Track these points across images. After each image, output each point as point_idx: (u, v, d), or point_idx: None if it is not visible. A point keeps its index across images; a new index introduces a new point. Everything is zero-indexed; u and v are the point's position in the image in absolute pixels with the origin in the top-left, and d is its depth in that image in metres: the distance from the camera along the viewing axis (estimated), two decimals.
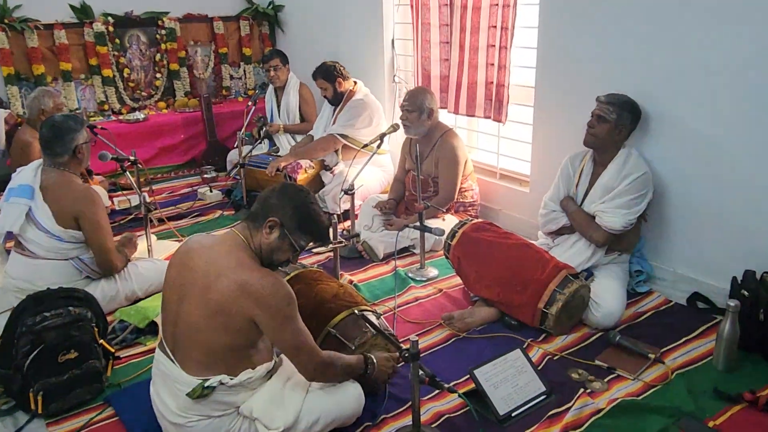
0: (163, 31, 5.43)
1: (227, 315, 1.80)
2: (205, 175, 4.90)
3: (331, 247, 2.97)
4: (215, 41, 5.74)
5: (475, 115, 3.81)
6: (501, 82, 3.57)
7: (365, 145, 3.52)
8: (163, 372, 1.93)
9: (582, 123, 2.87)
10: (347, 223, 3.76)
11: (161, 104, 5.53)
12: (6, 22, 4.71)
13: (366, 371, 2.08)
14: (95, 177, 4.06)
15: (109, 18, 5.17)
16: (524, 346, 2.52)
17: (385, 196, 3.83)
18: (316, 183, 4.22)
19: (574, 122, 3.07)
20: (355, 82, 4.26)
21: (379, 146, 3.49)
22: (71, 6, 5.03)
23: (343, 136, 4.09)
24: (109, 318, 2.67)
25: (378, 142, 3.45)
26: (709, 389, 2.25)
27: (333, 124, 4.20)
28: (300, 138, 4.63)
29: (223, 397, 1.88)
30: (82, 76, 5.16)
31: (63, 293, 2.38)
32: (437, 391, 2.22)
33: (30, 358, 2.16)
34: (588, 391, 2.28)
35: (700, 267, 2.89)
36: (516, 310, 2.68)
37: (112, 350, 2.46)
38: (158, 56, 5.47)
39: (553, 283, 2.59)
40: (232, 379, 1.86)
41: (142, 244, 3.27)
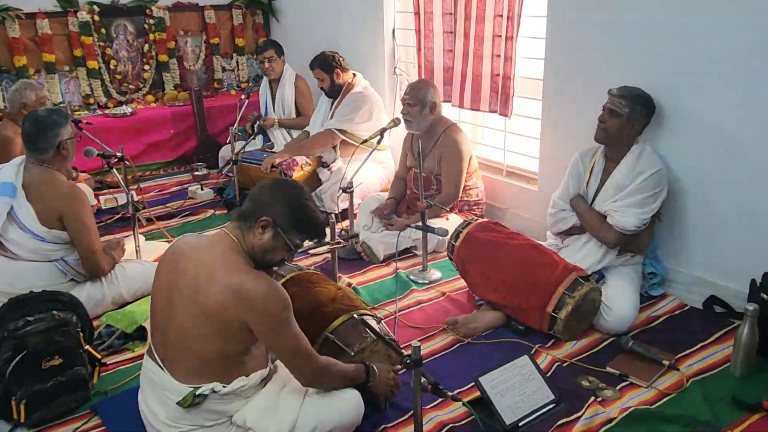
0: (152, 21, 5.34)
1: (219, 320, 1.79)
2: (196, 173, 4.84)
3: (328, 248, 2.94)
4: (206, 31, 5.66)
5: (480, 109, 3.79)
6: (507, 74, 3.55)
7: (365, 141, 3.57)
8: (151, 379, 1.92)
9: (593, 117, 2.84)
10: (346, 222, 3.74)
11: (150, 98, 5.45)
12: None
13: (368, 381, 2.05)
14: (80, 174, 4.06)
15: (95, 7, 5.07)
16: (532, 352, 2.50)
17: (386, 195, 3.81)
18: (313, 180, 4.19)
19: (585, 117, 3.05)
20: (354, 75, 4.23)
21: (379, 142, 3.47)
22: None
23: (342, 131, 4.07)
24: (95, 323, 2.65)
25: (378, 137, 3.43)
26: (726, 397, 2.22)
27: (331, 118, 4.18)
28: (296, 133, 4.62)
29: (216, 405, 1.86)
30: (66, 68, 5.07)
31: (47, 296, 2.37)
32: (440, 400, 2.19)
33: (12, 365, 2.14)
34: (599, 399, 2.26)
35: (716, 269, 2.85)
36: (523, 315, 2.66)
37: (99, 356, 2.44)
38: (146, 47, 5.38)
39: (563, 286, 2.56)
40: (224, 386, 1.84)
41: (129, 245, 3.26)
